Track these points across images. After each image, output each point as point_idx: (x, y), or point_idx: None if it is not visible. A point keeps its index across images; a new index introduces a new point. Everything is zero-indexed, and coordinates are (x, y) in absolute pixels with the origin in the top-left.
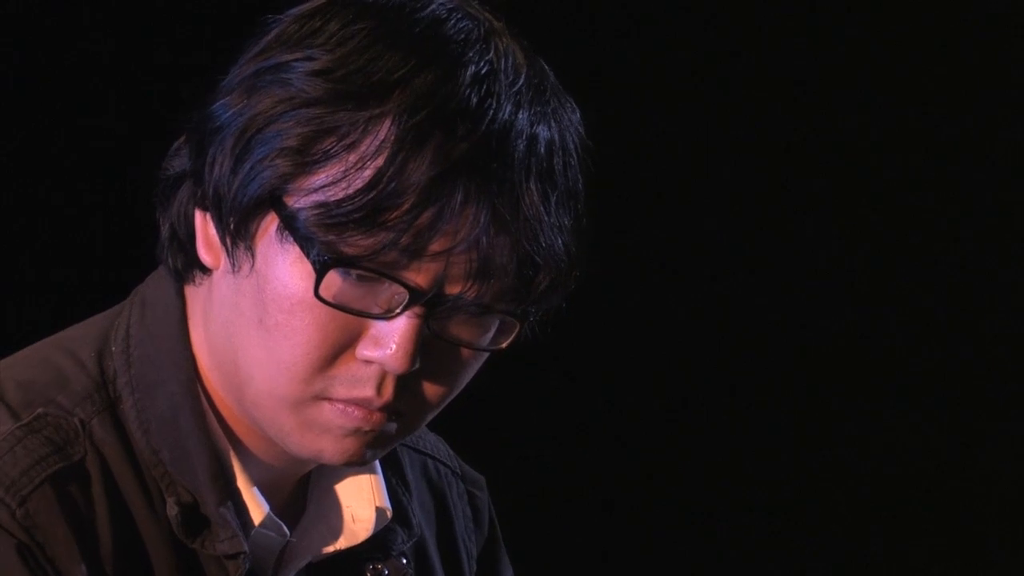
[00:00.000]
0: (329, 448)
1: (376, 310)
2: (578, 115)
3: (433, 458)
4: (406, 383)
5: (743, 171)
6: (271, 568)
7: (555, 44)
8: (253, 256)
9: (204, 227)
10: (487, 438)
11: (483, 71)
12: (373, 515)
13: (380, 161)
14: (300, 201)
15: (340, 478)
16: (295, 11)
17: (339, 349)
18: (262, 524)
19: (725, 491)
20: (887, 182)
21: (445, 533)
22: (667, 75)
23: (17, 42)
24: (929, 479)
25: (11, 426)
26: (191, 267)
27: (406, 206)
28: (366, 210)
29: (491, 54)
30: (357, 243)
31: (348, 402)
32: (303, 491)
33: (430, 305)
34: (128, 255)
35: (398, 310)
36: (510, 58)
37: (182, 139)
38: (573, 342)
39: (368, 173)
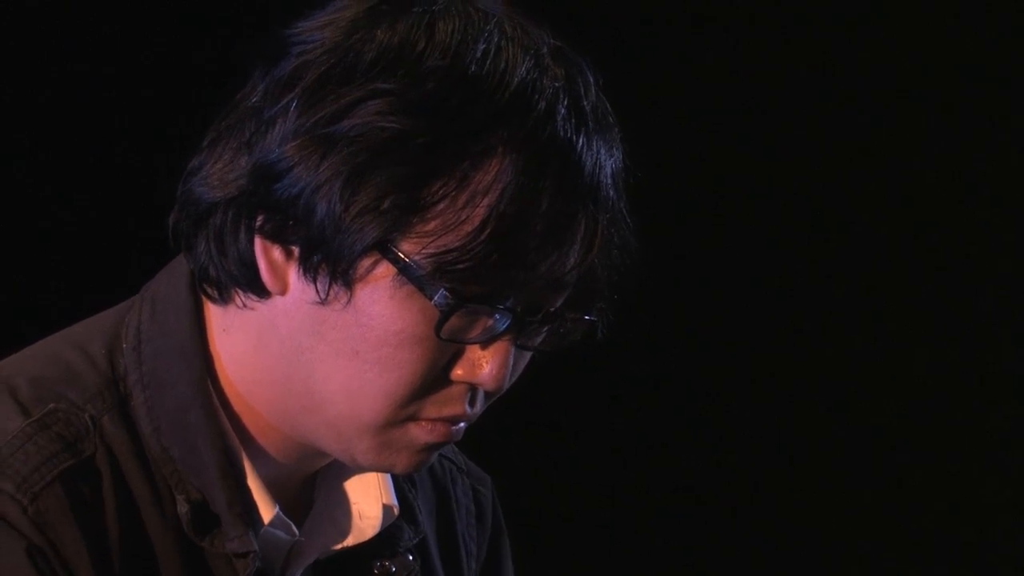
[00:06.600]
0: (402, 462)
1: (477, 335)
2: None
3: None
4: (486, 392)
5: (744, 169)
6: (279, 566)
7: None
8: (351, 292)
9: (266, 254)
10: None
11: (567, 102)
12: (380, 512)
13: (494, 199)
14: (414, 247)
15: (347, 475)
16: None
17: (439, 374)
18: (271, 523)
19: (727, 490)
20: (887, 179)
21: (445, 529)
22: (663, 73)
23: (17, 42)
24: (929, 477)
25: (21, 423)
26: (238, 286)
27: (529, 244)
28: (486, 253)
29: (563, 80)
30: (479, 283)
31: (436, 420)
32: (310, 488)
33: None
34: (128, 255)
35: (501, 334)
36: (579, 82)
37: (204, 155)
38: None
39: (482, 212)
